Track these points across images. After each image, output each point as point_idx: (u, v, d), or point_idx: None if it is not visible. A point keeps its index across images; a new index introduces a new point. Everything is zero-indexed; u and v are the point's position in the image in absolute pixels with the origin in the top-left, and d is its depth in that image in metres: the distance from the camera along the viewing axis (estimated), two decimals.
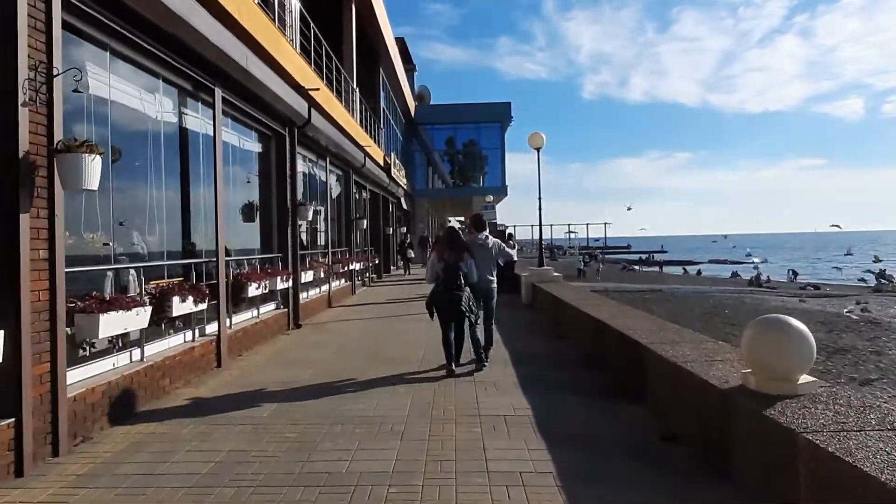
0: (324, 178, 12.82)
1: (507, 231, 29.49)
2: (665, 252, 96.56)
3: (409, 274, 22.95)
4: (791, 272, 47.80)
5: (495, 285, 6.94)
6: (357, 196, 17.86)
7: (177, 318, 5.58)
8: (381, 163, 19.94)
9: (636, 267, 65.27)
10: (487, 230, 7.20)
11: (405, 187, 27.26)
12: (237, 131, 8.27)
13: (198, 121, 6.93)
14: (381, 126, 21.66)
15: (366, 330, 9.56)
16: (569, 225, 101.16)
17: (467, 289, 6.26)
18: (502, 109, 33.09)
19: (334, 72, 12.83)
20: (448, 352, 6.29)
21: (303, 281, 10.17)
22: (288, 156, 9.55)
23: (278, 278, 8.46)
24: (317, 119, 10.13)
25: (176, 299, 5.36)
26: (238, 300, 7.43)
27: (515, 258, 15.81)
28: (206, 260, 6.77)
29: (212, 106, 6.80)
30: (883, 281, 35.84)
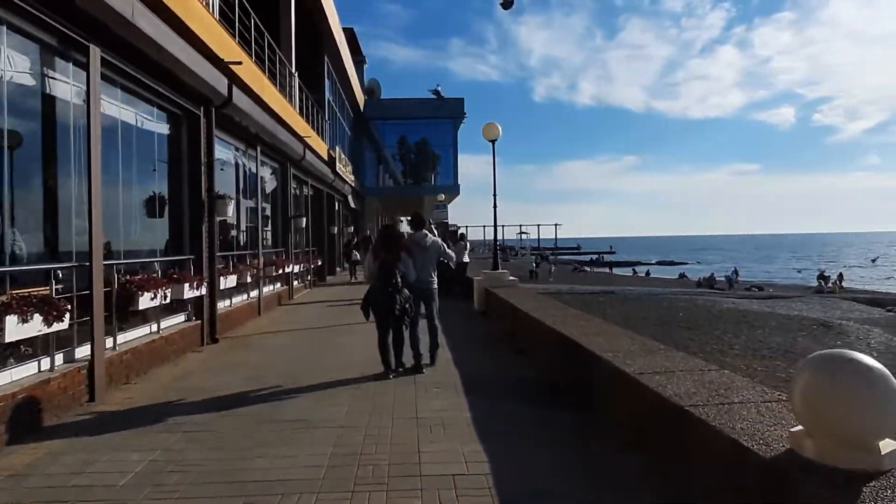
0: (254, 170, 11.36)
1: (460, 231, 28.46)
2: (613, 253, 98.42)
3: (356, 277, 21.57)
4: (734, 273, 49.16)
5: (436, 286, 6.69)
6: (297, 192, 16.39)
7: (18, 342, 4.15)
8: (325, 157, 18.51)
9: (587, 268, 65.89)
10: (434, 230, 6.57)
11: (353, 184, 25.83)
12: (132, 106, 6.80)
13: (69, 87, 5.48)
14: (326, 118, 20.20)
15: (295, 344, 8.23)
16: (520, 226, 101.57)
17: (405, 289, 6.08)
18: (455, 106, 31.99)
19: (266, 50, 11.39)
20: (384, 357, 6.16)
21: (223, 287, 8.74)
22: (203, 140, 8.11)
23: (186, 285, 7.03)
24: (240, 99, 8.73)
25: (11, 319, 3.94)
26: (126, 313, 5.99)
27: (467, 259, 14.73)
28: (77, 264, 5.31)
29: (86, 68, 5.35)
30: (823, 283, 36.91)
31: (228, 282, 8.90)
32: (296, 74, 14.53)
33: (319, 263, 18.81)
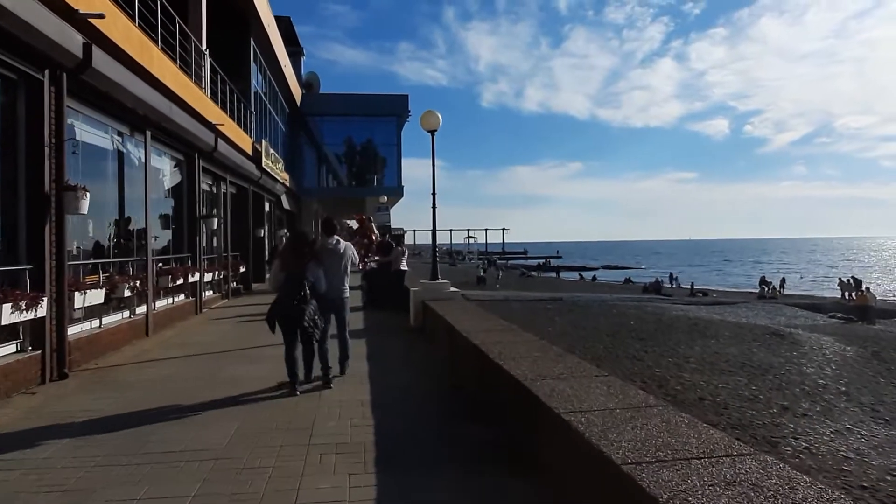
0: (142, 159, 9.40)
1: (397, 234, 26.85)
2: (560, 257, 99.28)
3: None
4: (671, 278, 49.77)
5: (348, 295, 6.36)
6: (212, 189, 14.41)
7: None
8: (249, 151, 16.56)
9: (534, 273, 65.58)
10: (340, 234, 6.45)
11: (287, 184, 23.81)
12: None
13: None
14: (252, 109, 18.22)
15: (174, 378, 6.40)
16: (468, 230, 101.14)
17: (313, 301, 5.68)
18: (399, 102, 30.28)
19: (160, 16, 9.48)
20: (291, 369, 5.66)
21: (85, 304, 6.85)
22: (50, 114, 6.22)
23: (7, 305, 5.16)
24: (107, 64, 6.86)
25: None
26: None
27: (405, 267, 13.16)
28: None
29: None
30: (765, 288, 37.40)
31: (92, 297, 7.00)
32: (206, 52, 12.60)
33: (243, 270, 16.82)
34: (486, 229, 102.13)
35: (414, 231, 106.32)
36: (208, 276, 12.90)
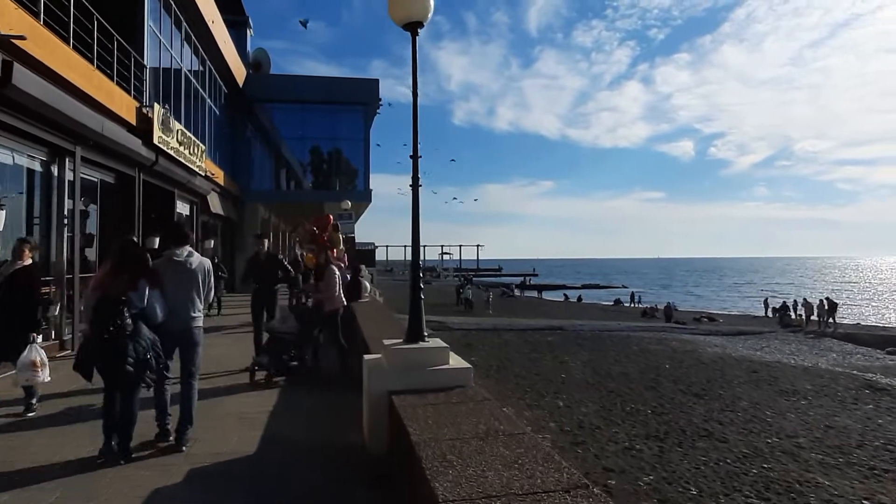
0: None
1: (367, 249, 21.27)
2: (537, 275, 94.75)
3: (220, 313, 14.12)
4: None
5: (200, 325, 4.60)
6: (50, 168, 8.75)
7: None
8: (130, 118, 10.94)
9: (516, 291, 60.56)
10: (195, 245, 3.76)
11: (214, 178, 18.12)
12: None
13: None
14: (145, 63, 12.56)
15: None
16: (442, 246, 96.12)
17: (143, 334, 4.08)
18: (367, 88, 24.73)
19: None
20: (107, 426, 4.14)
21: None
22: None
23: None
24: None
25: None
26: None
27: (341, 296, 7.37)
28: None
29: None
30: (789, 314, 32.75)
31: None
32: None
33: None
34: (460, 245, 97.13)
35: (386, 247, 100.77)
36: None
